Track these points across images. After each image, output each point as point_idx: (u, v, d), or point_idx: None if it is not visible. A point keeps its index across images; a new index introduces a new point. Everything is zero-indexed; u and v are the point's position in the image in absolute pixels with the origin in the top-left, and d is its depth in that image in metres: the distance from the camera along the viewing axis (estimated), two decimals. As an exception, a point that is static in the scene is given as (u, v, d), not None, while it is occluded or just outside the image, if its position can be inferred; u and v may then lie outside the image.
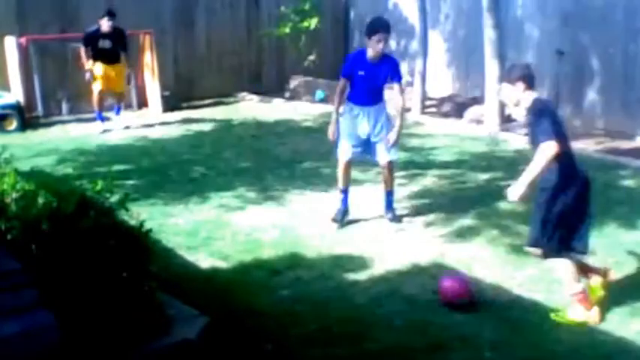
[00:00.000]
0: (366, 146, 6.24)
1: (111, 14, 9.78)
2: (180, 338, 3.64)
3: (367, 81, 6.04)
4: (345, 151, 6.21)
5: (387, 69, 6.07)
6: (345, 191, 6.34)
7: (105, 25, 9.75)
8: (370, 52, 5.99)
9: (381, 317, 4.59)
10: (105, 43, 9.87)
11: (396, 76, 6.09)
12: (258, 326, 4.41)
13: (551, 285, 5.01)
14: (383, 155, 6.23)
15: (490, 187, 7.42)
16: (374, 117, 6.14)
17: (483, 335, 4.33)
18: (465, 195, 7.15)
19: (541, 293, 4.88)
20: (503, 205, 6.83)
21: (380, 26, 5.98)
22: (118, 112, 10.59)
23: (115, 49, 9.98)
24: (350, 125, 6.16)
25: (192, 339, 3.67)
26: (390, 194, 6.43)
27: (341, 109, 6.26)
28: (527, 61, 5.42)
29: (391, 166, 6.32)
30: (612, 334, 4.33)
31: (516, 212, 6.59)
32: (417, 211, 6.67)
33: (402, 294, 4.92)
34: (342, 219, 6.29)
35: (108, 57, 9.97)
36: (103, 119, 10.28)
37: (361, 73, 6.02)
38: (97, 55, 9.87)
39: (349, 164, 6.27)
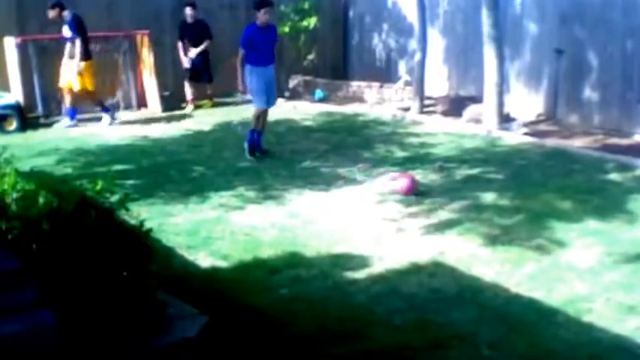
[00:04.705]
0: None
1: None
2: (179, 337, 3.66)
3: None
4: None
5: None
6: (259, 133, 8.79)
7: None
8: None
9: (380, 316, 4.61)
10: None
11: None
12: (257, 325, 4.44)
13: (550, 283, 5.04)
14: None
15: (488, 185, 7.45)
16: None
17: (482, 333, 4.35)
18: (463, 193, 7.16)
19: (539, 291, 4.90)
20: (501, 203, 6.87)
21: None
22: (72, 117, 10.69)
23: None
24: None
25: (192, 338, 3.69)
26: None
27: None
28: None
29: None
30: (609, 331, 4.35)
31: (516, 210, 6.63)
32: (415, 209, 6.69)
33: (401, 293, 4.94)
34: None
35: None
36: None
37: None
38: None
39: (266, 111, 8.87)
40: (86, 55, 10.26)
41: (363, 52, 13.93)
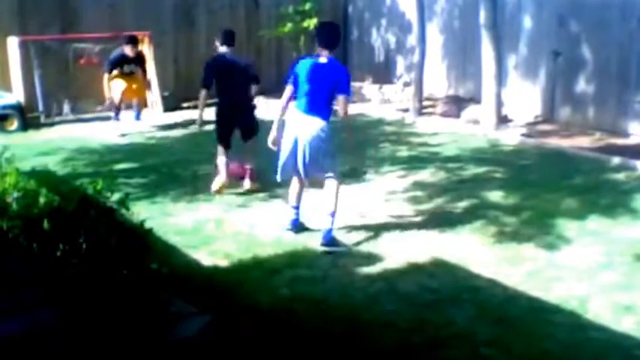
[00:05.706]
0: None
1: (134, 41, 10.24)
2: (180, 336, 3.68)
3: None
4: None
5: None
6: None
7: (129, 50, 10.14)
8: None
9: (379, 315, 4.63)
10: (130, 68, 10.33)
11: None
12: (257, 325, 4.46)
13: (547, 282, 5.07)
14: None
15: (488, 185, 7.48)
16: None
17: (480, 332, 4.38)
18: (461, 192, 7.20)
19: (537, 291, 4.93)
20: (501, 203, 6.90)
21: None
22: (138, 117, 10.94)
23: (136, 71, 10.49)
24: None
25: (193, 337, 3.71)
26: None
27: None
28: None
29: None
30: (605, 330, 4.39)
31: (514, 210, 6.66)
32: (414, 209, 6.72)
33: (400, 292, 4.96)
34: None
35: (130, 77, 10.42)
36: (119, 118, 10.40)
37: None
38: (120, 76, 10.29)
39: None
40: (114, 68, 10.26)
41: (362, 51, 13.94)
